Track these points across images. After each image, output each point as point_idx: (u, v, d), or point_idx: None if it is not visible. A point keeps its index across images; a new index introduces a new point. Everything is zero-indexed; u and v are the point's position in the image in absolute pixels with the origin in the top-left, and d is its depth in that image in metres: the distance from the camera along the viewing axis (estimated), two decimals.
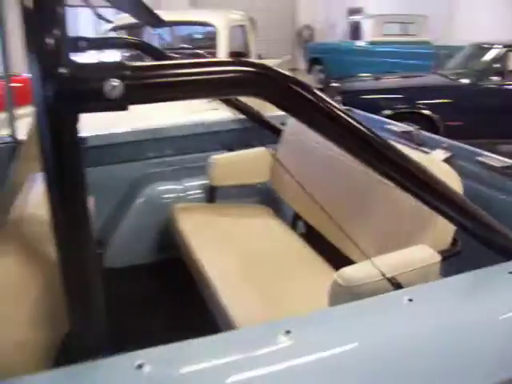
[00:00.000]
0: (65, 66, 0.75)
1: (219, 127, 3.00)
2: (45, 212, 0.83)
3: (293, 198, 2.51)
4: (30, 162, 1.81)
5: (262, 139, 2.84)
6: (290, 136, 2.61)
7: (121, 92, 0.78)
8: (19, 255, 1.04)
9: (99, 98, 0.78)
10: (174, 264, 2.50)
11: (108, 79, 0.78)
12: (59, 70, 0.75)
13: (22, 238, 1.08)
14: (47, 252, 1.02)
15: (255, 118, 2.87)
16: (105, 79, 0.77)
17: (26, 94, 3.03)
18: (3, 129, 3.73)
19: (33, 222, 1.11)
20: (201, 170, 2.78)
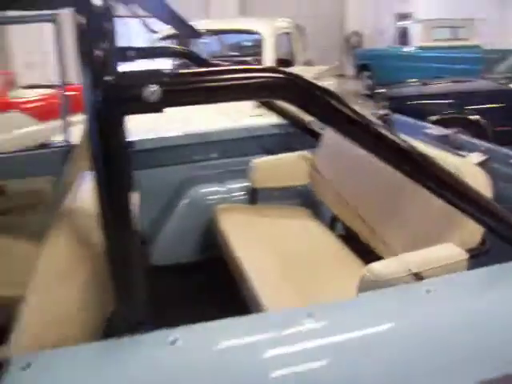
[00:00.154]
0: (111, 75, 0.87)
1: (262, 132, 3.10)
2: (93, 206, 0.95)
3: (331, 200, 2.58)
4: (80, 163, 1.95)
5: (303, 143, 2.93)
6: (328, 140, 2.69)
7: (158, 96, 0.89)
8: (70, 243, 1.16)
9: (139, 101, 0.89)
10: (216, 263, 2.61)
11: (147, 85, 0.89)
12: (106, 78, 0.86)
13: (72, 228, 1.20)
14: (94, 241, 1.14)
15: (296, 123, 2.96)
16: (144, 85, 0.88)
17: (79, 102, 3.23)
18: (59, 134, 3.97)
19: (82, 215, 1.24)
20: (243, 173, 2.89)
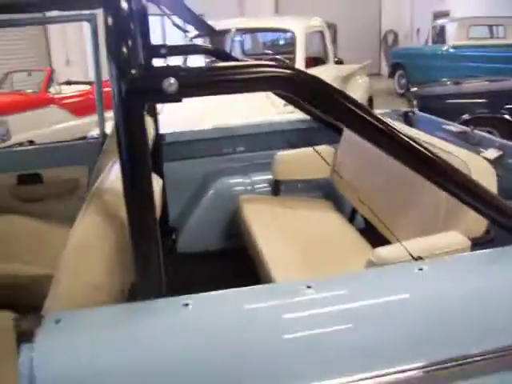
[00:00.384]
0: (134, 69, 1.00)
1: (286, 127, 3.22)
2: (120, 186, 1.08)
3: (350, 193, 2.68)
4: (112, 152, 2.11)
5: (326, 138, 3.03)
6: (349, 135, 2.79)
7: (176, 88, 1.02)
8: (98, 217, 1.30)
9: (159, 92, 1.02)
10: (239, 251, 2.74)
11: (166, 78, 1.01)
12: (130, 71, 0.99)
13: (101, 204, 1.34)
14: (120, 216, 1.28)
15: (319, 118, 3.06)
16: (164, 78, 1.01)
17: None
18: (95, 128, 4.17)
19: (110, 193, 1.38)
20: (267, 166, 3.02)
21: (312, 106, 1.13)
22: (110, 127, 3.01)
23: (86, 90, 8.42)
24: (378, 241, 2.36)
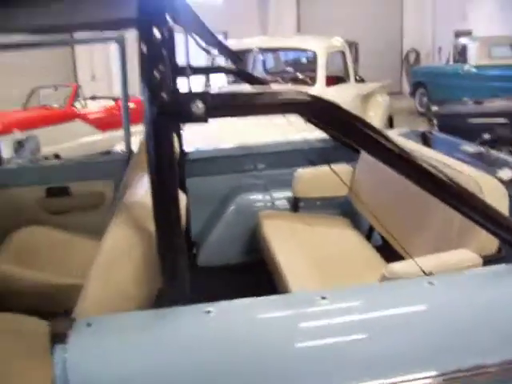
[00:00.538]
0: (166, 93, 1.09)
1: (305, 145, 3.30)
2: (148, 200, 1.17)
3: (368, 211, 2.75)
4: (138, 168, 2.21)
5: (344, 157, 3.10)
6: (366, 155, 2.86)
7: (203, 110, 1.11)
8: (127, 228, 1.39)
9: (188, 114, 1.11)
10: (259, 265, 2.81)
11: (195, 102, 1.11)
12: (162, 95, 1.08)
13: (130, 216, 1.43)
14: (148, 228, 1.37)
15: (338, 138, 3.14)
16: (192, 102, 1.10)
17: (137, 113, 3.58)
18: (118, 143, 4.29)
19: (139, 206, 1.47)
20: (287, 183, 3.10)
21: (330, 129, 1.21)
22: (134, 142, 3.13)
23: (110, 105, 8.61)
24: (394, 258, 2.41)
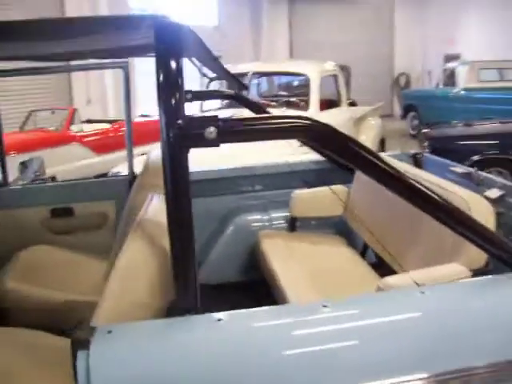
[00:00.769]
0: (181, 119, 1.20)
1: (302, 167, 3.42)
2: (162, 218, 1.28)
3: (362, 230, 2.86)
4: (143, 189, 2.30)
5: (339, 178, 3.22)
6: (360, 175, 2.98)
7: (215, 135, 1.22)
8: (143, 245, 1.49)
9: (201, 139, 1.22)
10: (258, 283, 2.91)
11: (208, 127, 1.22)
12: (177, 121, 1.19)
13: (144, 233, 1.54)
14: (162, 244, 1.47)
15: (333, 159, 3.26)
16: (205, 127, 1.21)
17: (137, 136, 3.65)
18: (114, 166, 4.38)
19: (154, 225, 1.58)
20: (285, 204, 3.21)
21: (328, 151, 1.33)
22: (136, 163, 3.23)
23: (106, 128, 8.70)
24: (388, 274, 2.52)
